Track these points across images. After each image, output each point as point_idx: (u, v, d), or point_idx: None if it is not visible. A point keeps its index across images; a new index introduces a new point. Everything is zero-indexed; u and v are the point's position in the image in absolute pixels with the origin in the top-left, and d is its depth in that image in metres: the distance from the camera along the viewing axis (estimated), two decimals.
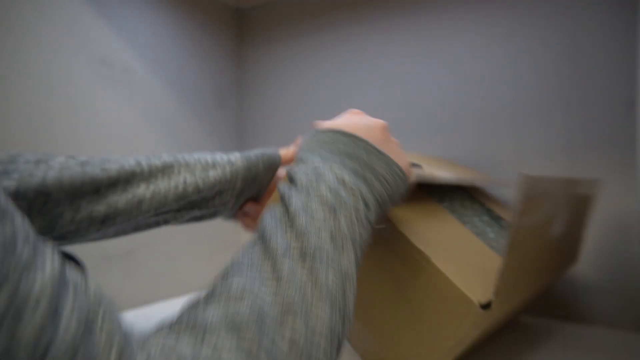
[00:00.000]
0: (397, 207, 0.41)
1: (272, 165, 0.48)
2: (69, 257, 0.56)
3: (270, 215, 0.28)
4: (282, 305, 0.22)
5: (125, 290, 0.80)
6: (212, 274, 1.02)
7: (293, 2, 1.03)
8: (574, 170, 0.72)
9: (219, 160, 0.45)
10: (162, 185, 0.41)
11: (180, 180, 0.42)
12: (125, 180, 0.40)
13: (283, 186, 0.31)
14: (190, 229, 0.92)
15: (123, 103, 0.81)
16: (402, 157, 0.37)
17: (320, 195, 0.28)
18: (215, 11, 1.04)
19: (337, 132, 0.35)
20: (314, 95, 0.99)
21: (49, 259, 0.16)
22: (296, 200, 0.28)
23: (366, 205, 0.30)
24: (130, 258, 0.81)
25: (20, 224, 0.15)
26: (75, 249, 0.66)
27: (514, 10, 0.78)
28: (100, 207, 0.39)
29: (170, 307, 0.81)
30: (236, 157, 0.46)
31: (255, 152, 0.47)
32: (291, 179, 0.31)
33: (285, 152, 0.50)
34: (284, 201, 0.29)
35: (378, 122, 0.38)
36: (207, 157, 0.45)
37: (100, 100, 0.77)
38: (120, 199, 0.40)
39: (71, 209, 0.39)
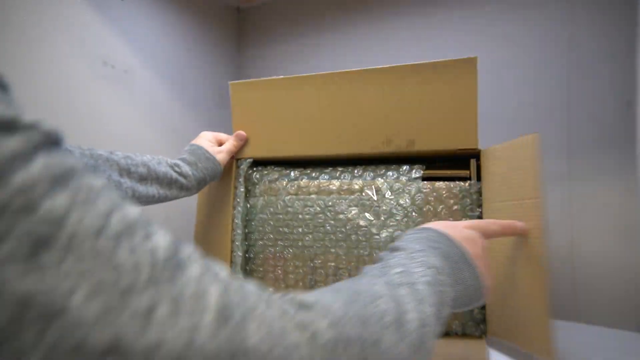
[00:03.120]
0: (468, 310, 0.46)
1: (216, 176, 0.68)
2: None
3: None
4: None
5: None
6: None
7: (293, 2, 1.03)
8: (573, 170, 0.72)
9: (180, 183, 0.63)
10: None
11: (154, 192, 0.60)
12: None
13: (385, 253, 0.37)
14: (190, 229, 0.92)
15: (123, 103, 0.81)
16: (488, 274, 0.40)
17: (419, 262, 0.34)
18: (216, 11, 1.04)
19: (443, 234, 0.38)
20: None
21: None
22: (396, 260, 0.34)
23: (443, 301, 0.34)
24: None
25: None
26: None
27: (513, 11, 0.78)
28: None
29: None
30: (191, 183, 0.64)
31: (202, 168, 0.65)
32: (394, 249, 0.37)
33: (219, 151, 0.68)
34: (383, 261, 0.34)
35: (477, 236, 0.41)
36: (173, 175, 0.62)
37: (100, 101, 0.77)
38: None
39: None
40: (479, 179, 0.60)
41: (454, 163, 0.63)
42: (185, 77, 0.95)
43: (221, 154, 0.68)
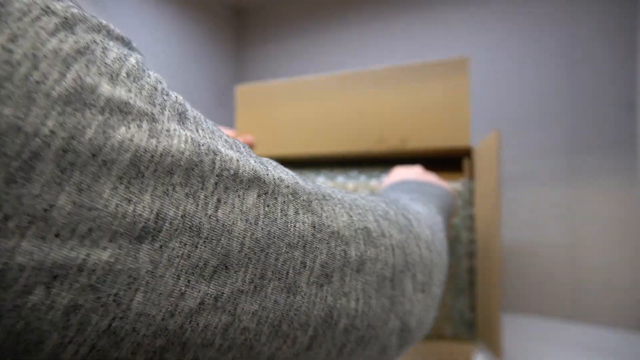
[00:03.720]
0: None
1: None
2: None
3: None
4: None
5: None
6: None
7: (293, 2, 1.03)
8: (575, 171, 0.72)
9: None
10: None
11: None
12: None
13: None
14: None
15: None
16: (445, 184, 0.48)
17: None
18: (215, 11, 1.04)
19: (404, 181, 0.45)
20: None
21: None
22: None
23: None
24: None
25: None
26: None
27: (515, 13, 0.78)
28: None
29: None
30: None
31: None
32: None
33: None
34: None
35: (419, 169, 0.50)
36: None
37: None
38: None
39: None
40: (472, 177, 0.61)
41: (448, 165, 0.64)
42: (185, 77, 0.95)
43: None
